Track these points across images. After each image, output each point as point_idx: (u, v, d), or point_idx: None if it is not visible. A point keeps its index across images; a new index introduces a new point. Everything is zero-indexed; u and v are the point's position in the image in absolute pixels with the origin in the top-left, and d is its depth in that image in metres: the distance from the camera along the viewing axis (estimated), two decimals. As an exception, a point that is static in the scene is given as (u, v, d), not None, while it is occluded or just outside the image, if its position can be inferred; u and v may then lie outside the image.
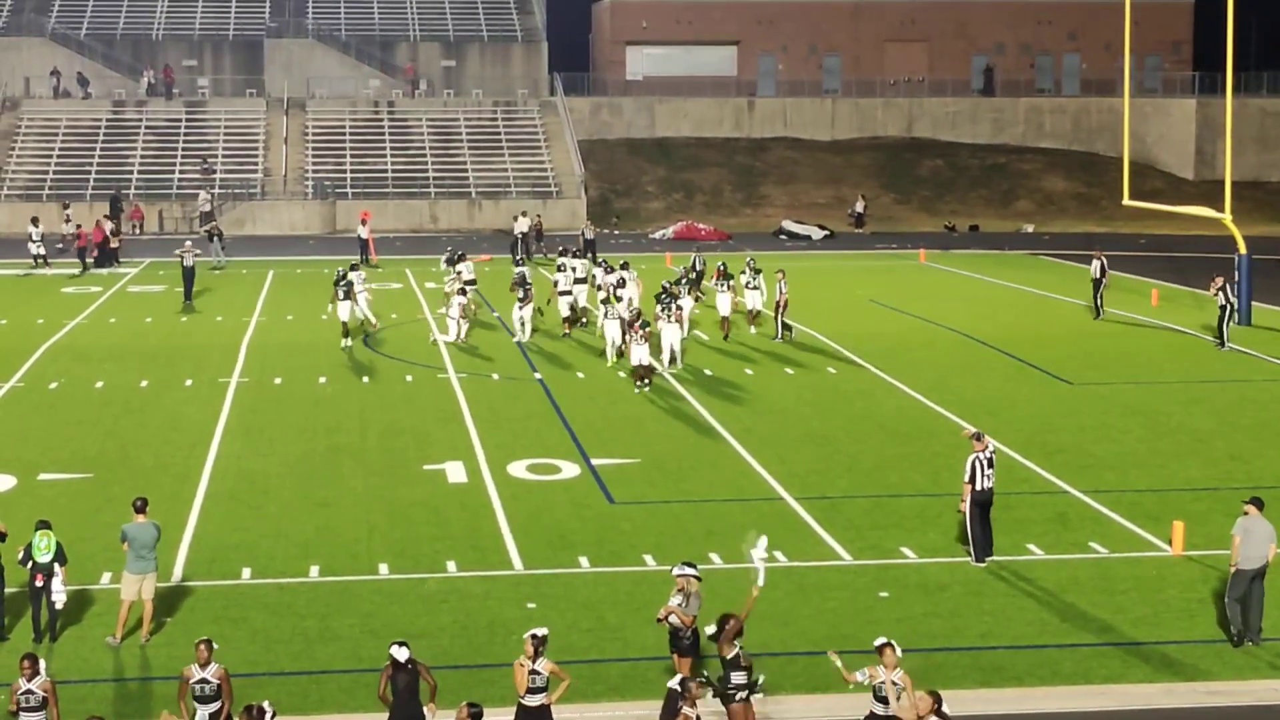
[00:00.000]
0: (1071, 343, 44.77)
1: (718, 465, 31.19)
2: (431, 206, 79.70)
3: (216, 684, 17.01)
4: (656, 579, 24.13)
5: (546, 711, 17.20)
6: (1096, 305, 49.48)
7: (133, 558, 21.57)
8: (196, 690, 16.96)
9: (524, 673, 17.07)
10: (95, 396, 37.17)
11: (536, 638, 17.25)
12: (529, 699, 17.08)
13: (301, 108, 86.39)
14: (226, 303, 53.17)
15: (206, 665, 17.05)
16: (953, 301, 53.44)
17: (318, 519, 27.32)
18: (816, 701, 19.54)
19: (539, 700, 17.12)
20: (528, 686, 17.07)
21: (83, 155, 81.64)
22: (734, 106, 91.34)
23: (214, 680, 17.02)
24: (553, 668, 17.21)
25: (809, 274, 62.49)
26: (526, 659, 17.13)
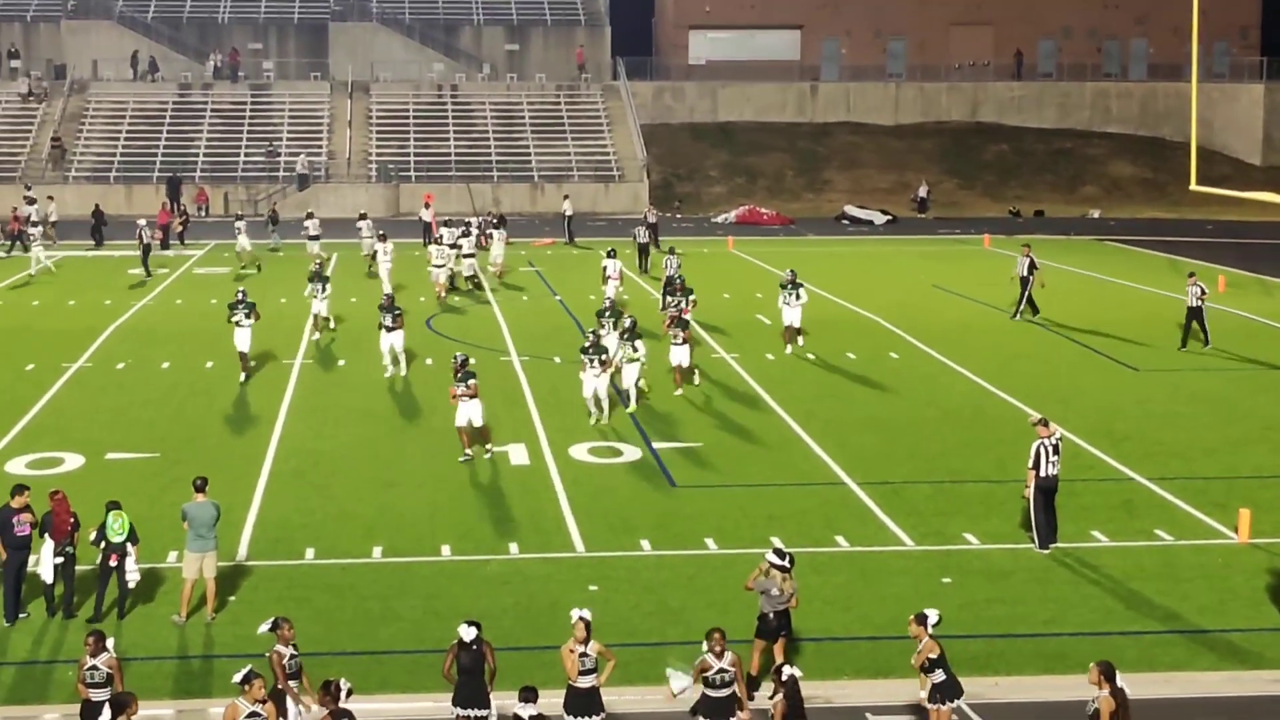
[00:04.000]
0: (1138, 329, 44.39)
1: (780, 449, 31.12)
2: (494, 190, 79.81)
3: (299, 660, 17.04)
4: (718, 562, 24.15)
5: (597, 693, 17.19)
6: (1020, 303, 46.69)
7: (193, 537, 21.74)
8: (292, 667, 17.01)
9: (575, 656, 17.03)
10: (162, 377, 37.44)
11: (587, 620, 17.22)
12: (581, 681, 17.06)
13: (365, 91, 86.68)
14: (291, 285, 53.35)
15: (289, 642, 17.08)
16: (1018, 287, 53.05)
17: (380, 500, 27.44)
18: (878, 686, 19.48)
19: (590, 682, 17.12)
20: (580, 669, 17.03)
21: (149, 138, 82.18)
22: (797, 91, 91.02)
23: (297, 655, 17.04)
24: (600, 648, 17.20)
25: (871, 259, 62.38)
26: (578, 642, 17.08)
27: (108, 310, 47.34)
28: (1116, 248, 67.00)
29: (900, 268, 59.39)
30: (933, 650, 17.02)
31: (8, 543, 21.49)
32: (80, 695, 16.87)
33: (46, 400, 35.02)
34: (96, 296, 50.55)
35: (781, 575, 19.26)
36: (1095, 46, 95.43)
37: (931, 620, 17.20)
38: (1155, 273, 49.52)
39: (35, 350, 40.70)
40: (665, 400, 35.29)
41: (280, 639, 17.13)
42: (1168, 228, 74.37)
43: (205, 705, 17.41)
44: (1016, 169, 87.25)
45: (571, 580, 23.41)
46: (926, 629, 17.13)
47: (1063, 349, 41.93)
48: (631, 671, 19.89)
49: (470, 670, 17.13)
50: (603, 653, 17.23)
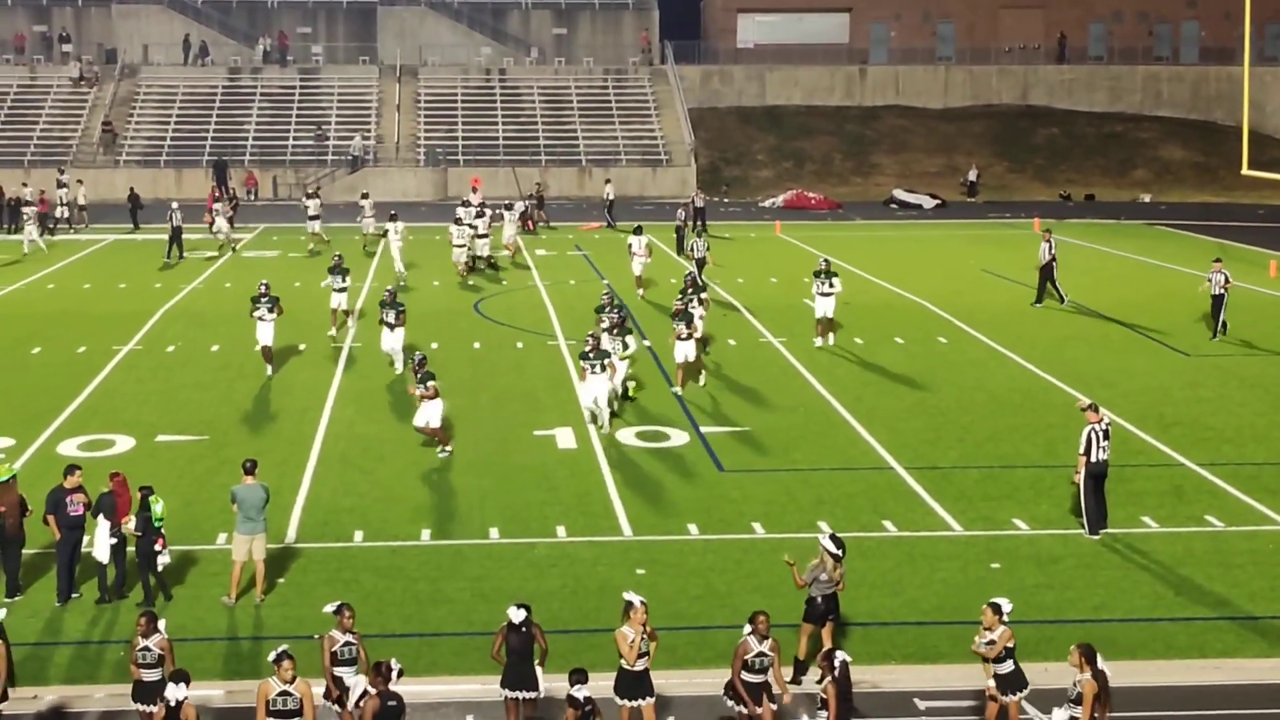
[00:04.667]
0: (1188, 313, 44.07)
1: (827, 434, 31.07)
2: (542, 174, 79.85)
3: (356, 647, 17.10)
4: (765, 547, 24.14)
5: (648, 675, 17.18)
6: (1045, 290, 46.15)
7: (242, 519, 21.86)
8: (342, 654, 17.07)
9: (629, 640, 16.99)
10: (211, 360, 37.63)
11: (646, 604, 17.20)
12: (638, 663, 17.06)
13: (414, 75, 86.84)
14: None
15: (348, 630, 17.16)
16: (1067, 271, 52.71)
17: (429, 483, 27.53)
18: (926, 671, 19.45)
19: (645, 664, 17.11)
20: (638, 651, 17.02)
21: (199, 122, 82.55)
22: (845, 74, 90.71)
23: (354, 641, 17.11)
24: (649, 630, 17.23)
25: (920, 243, 62.14)
26: (633, 627, 16.99)
27: (158, 293, 47.62)
28: (1167, 232, 66.55)
29: (949, 252, 59.15)
30: (1010, 640, 16.98)
31: (61, 522, 21.66)
32: (133, 675, 16.98)
33: (98, 383, 35.26)
34: (146, 279, 50.84)
35: (834, 562, 19.24)
36: (1146, 29, 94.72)
37: (1006, 610, 17.16)
38: (1205, 257, 49.06)
39: (86, 333, 40.99)
40: (712, 385, 35.26)
41: (338, 625, 17.18)
42: (1219, 212, 73.83)
43: (254, 686, 17.45)
44: (1067, 153, 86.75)
45: (619, 563, 23.44)
46: (1003, 618, 17.08)
47: (1112, 334, 41.70)
48: (679, 655, 19.93)
49: (519, 652, 17.16)
50: (650, 634, 17.24)
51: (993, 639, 17.03)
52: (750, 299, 46.33)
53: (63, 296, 47.62)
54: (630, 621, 17.00)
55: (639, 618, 16.99)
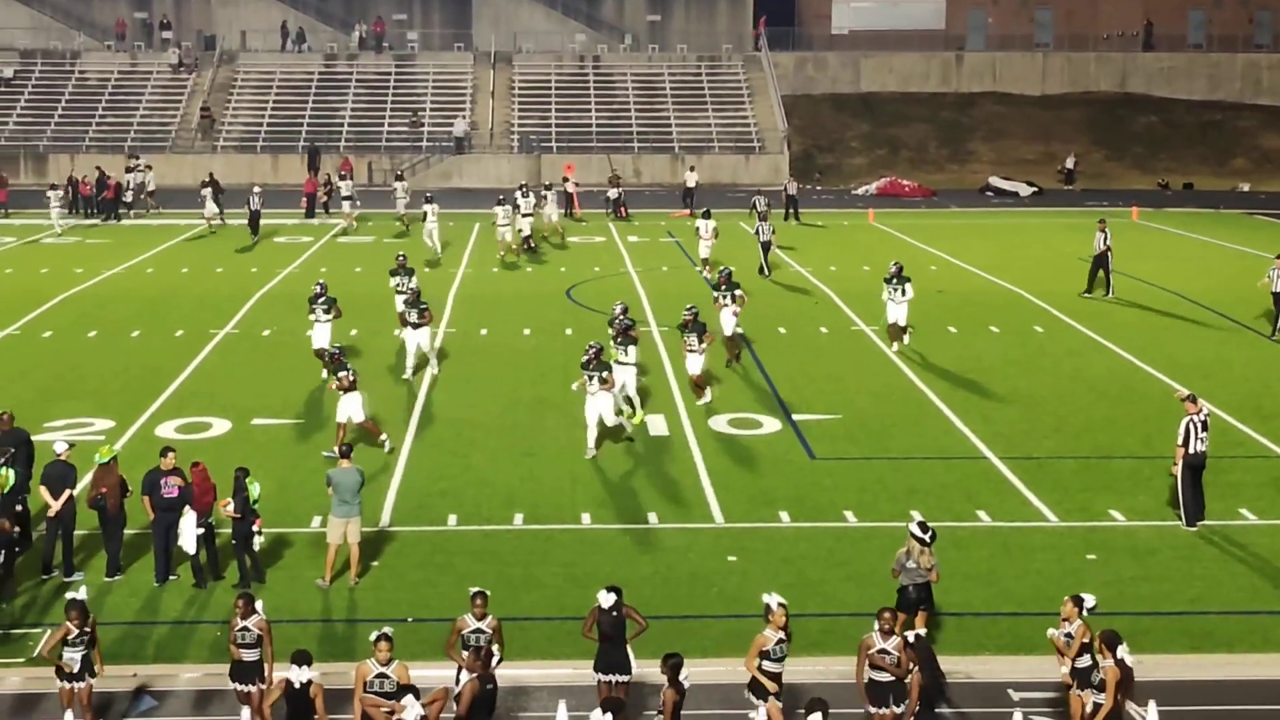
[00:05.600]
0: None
1: (920, 423, 30.89)
2: (635, 161, 79.85)
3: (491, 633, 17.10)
4: (857, 535, 24.05)
5: (779, 678, 16.81)
6: (1096, 279, 45.34)
7: (337, 502, 22.03)
8: (471, 640, 17.13)
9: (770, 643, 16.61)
10: (306, 344, 37.79)
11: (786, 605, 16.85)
12: (771, 666, 16.69)
13: (508, 62, 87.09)
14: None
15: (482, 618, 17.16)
16: (1166, 260, 52.28)
17: (522, 469, 27.61)
18: (1020, 662, 19.30)
19: (779, 669, 16.78)
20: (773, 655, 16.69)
21: (295, 108, 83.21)
22: (941, 61, 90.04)
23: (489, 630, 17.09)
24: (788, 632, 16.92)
25: (1016, 231, 61.65)
26: (775, 628, 16.68)
27: (254, 277, 48.07)
28: (1266, 222, 65.62)
29: (1046, 240, 58.60)
30: (1086, 635, 16.82)
31: (156, 503, 21.91)
32: (232, 655, 17.15)
33: (195, 366, 35.66)
34: (243, 264, 51.34)
35: (920, 548, 19.14)
36: (1247, 17, 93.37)
37: (1088, 604, 17.00)
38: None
39: (184, 316, 41.48)
40: (804, 373, 35.14)
41: (471, 610, 17.22)
42: (1320, 201, 72.77)
43: (349, 668, 17.61)
44: (1166, 141, 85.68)
45: (710, 551, 23.43)
46: (1082, 612, 16.92)
47: (1210, 324, 41.17)
48: (770, 643, 19.87)
49: (610, 636, 17.18)
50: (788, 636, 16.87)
51: (1070, 631, 16.90)
52: (842, 287, 46.12)
53: (162, 280, 48.19)
54: (770, 624, 16.66)
55: (778, 620, 16.67)
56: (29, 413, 27.74)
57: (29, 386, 33.68)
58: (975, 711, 18.08)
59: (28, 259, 52.86)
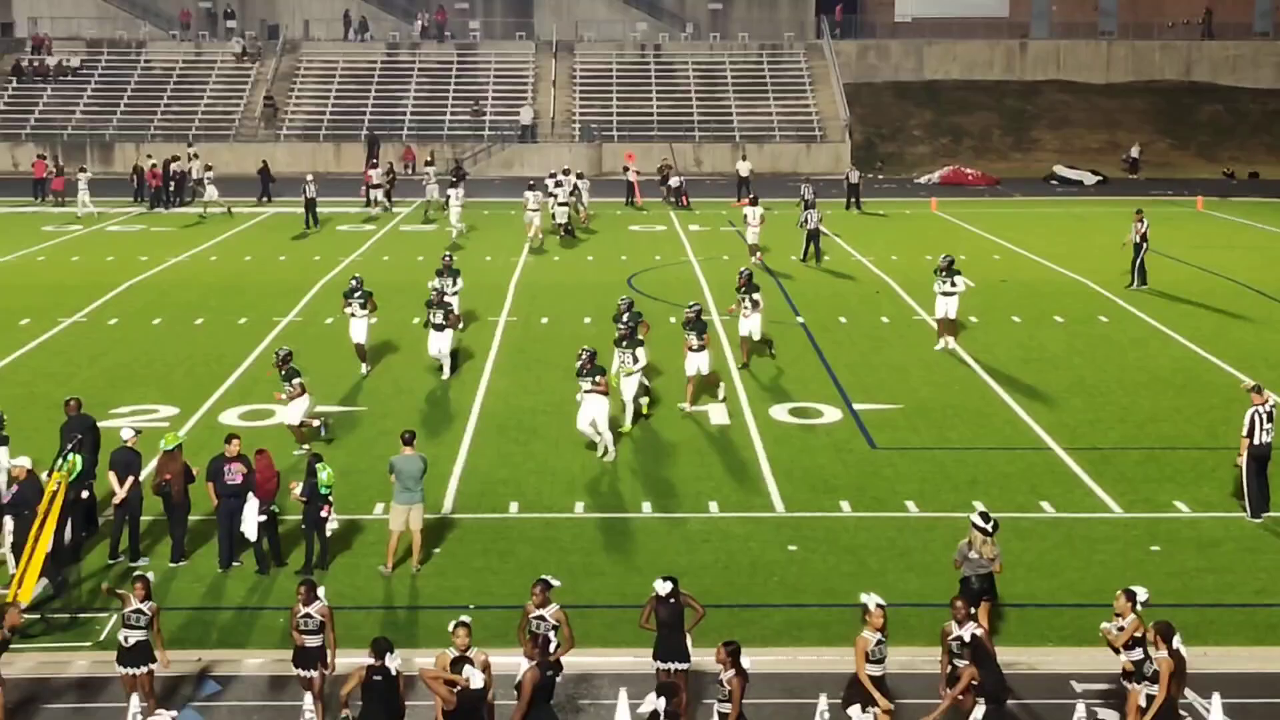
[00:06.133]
0: (1358, 295, 43.04)
1: (983, 413, 30.74)
2: (696, 150, 79.76)
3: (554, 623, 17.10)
4: (919, 525, 23.97)
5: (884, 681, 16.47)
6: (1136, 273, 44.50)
7: (399, 489, 22.12)
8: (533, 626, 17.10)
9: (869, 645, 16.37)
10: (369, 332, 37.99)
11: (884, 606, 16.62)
12: (872, 669, 16.45)
13: (570, 51, 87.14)
14: (495, 243, 53.99)
15: (542, 605, 17.13)
16: (1231, 250, 51.79)
17: (583, 457, 27.64)
18: (1083, 654, 19.16)
19: (882, 670, 16.53)
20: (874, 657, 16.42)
21: (358, 97, 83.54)
22: (1005, 48, 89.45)
23: (551, 620, 17.11)
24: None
25: (1081, 220, 61.25)
26: (873, 629, 16.41)
27: (316, 266, 48.30)
28: (1336, 211, 64.93)
29: (1110, 230, 57.99)
30: (1139, 629, 16.71)
31: (219, 490, 22.06)
32: (295, 642, 17.24)
33: (258, 353, 35.85)
34: (306, 252, 51.62)
35: (982, 538, 19.05)
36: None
37: (1141, 598, 16.88)
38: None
39: (248, 304, 41.74)
40: (865, 362, 35.03)
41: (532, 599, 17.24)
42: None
43: (411, 655, 17.69)
44: (1231, 130, 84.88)
45: (771, 540, 23.40)
46: (1135, 606, 16.81)
47: (1277, 314, 40.76)
48: (831, 633, 19.87)
49: (668, 624, 17.20)
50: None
51: (1123, 625, 16.79)
52: (904, 276, 45.92)
53: (225, 268, 48.51)
54: (868, 625, 16.40)
55: (876, 621, 16.40)
56: (96, 399, 27.97)
57: (96, 373, 34.00)
58: (1038, 703, 18.00)
59: (94, 247, 53.31)
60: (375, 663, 15.79)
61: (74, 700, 18.11)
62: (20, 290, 44.04)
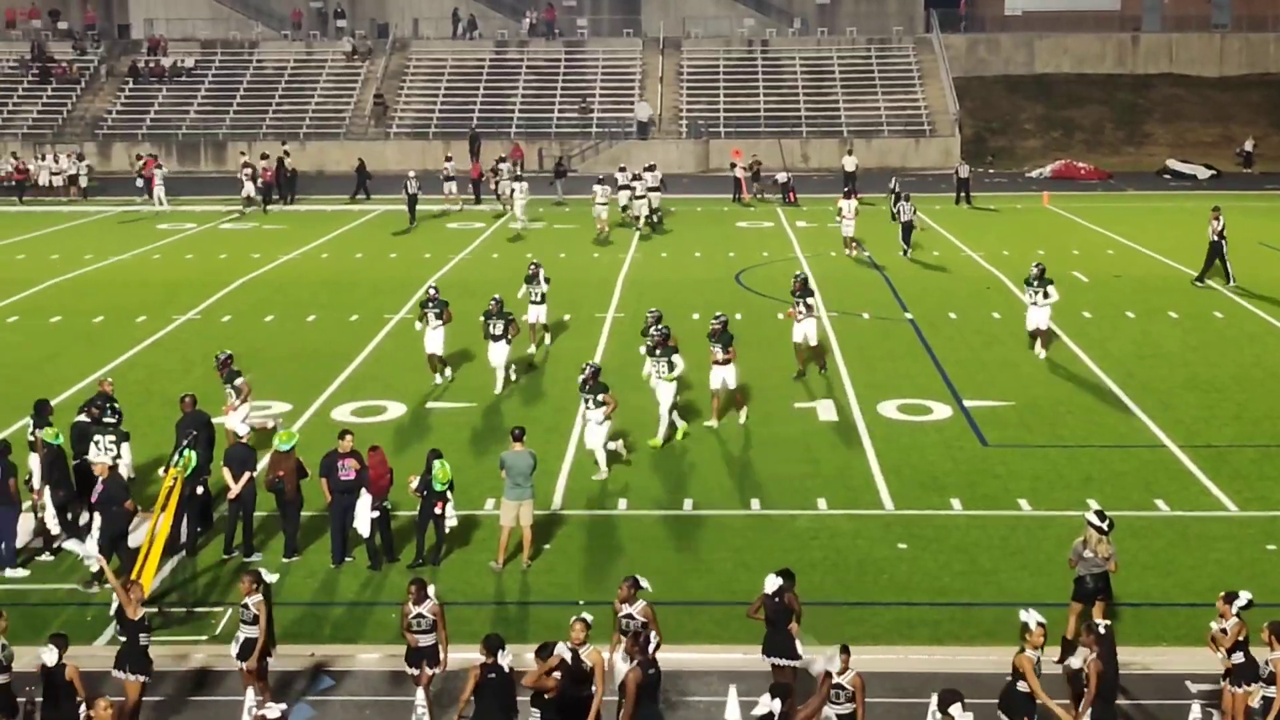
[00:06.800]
0: None
1: (1096, 410, 30.41)
2: (803, 145, 79.50)
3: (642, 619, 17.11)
4: (1032, 524, 23.75)
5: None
6: (1211, 267, 43.77)
7: (510, 485, 22.24)
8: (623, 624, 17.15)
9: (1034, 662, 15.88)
10: (477, 329, 38.07)
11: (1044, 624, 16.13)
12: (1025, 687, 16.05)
13: (677, 47, 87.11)
14: (602, 240, 54.10)
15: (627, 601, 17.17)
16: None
17: (692, 454, 27.67)
18: (1198, 654, 18.84)
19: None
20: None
21: (466, 95, 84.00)
22: (1117, 42, 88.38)
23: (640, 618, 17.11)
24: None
25: (1194, 215, 60.24)
26: (1033, 648, 15.95)
27: (426, 263, 48.61)
28: None
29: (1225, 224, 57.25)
30: (1241, 632, 16.46)
31: (333, 486, 22.26)
32: (407, 641, 17.34)
33: (370, 350, 36.18)
34: (416, 249, 51.96)
35: (1098, 537, 18.85)
36: None
37: (1241, 601, 16.63)
38: None
39: (359, 301, 42.10)
40: (975, 358, 34.76)
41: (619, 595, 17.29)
42: None
43: (522, 650, 17.76)
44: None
45: (880, 538, 23.29)
46: (1233, 608, 16.56)
47: (1399, 310, 40.07)
48: (941, 631, 19.76)
49: (774, 622, 17.20)
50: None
51: (1225, 628, 16.54)
52: (1016, 271, 45.41)
53: (337, 265, 48.96)
54: (1028, 643, 15.96)
55: (1036, 640, 15.98)
56: (210, 396, 28.30)
57: (210, 370, 34.29)
58: (1152, 703, 17.80)
59: (207, 245, 54.01)
60: (488, 660, 15.87)
61: (190, 693, 18.35)
62: (136, 288, 44.72)
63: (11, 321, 40.18)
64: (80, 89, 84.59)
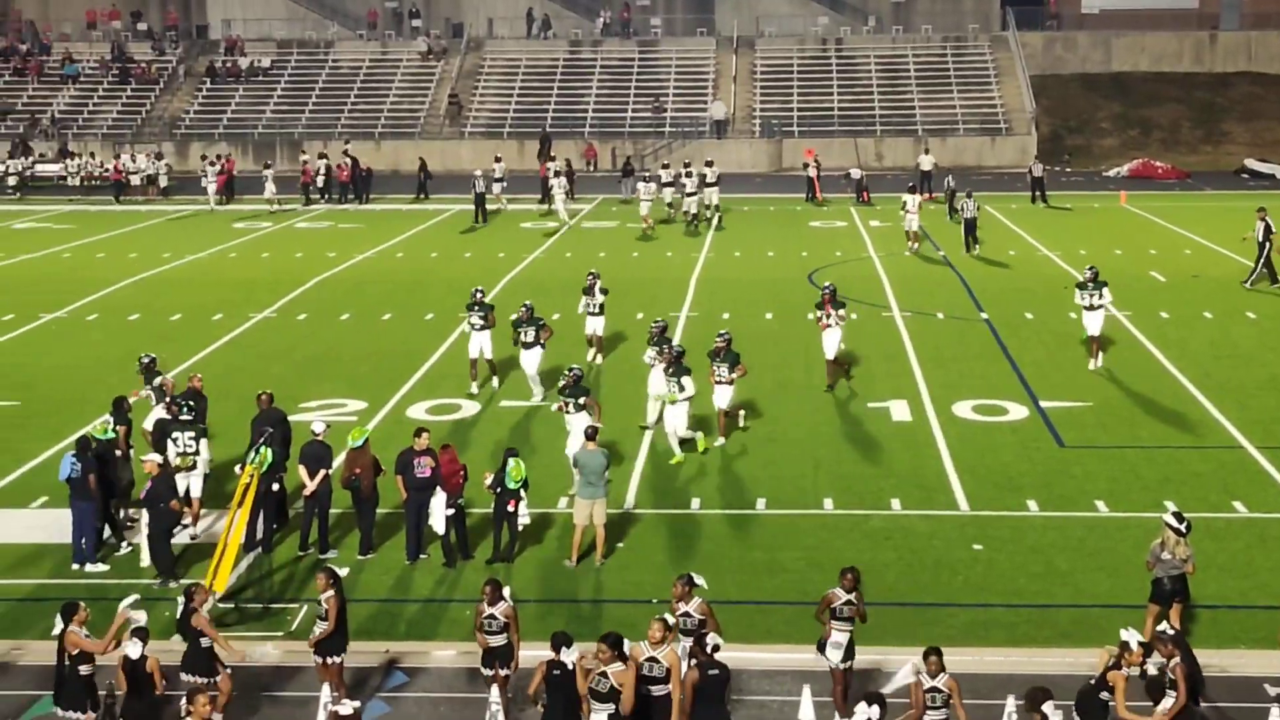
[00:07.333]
0: None
1: (1173, 411, 30.14)
2: (877, 144, 79.21)
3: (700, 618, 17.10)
4: (1109, 525, 23.57)
5: None
6: (1271, 271, 42.91)
7: (583, 484, 22.29)
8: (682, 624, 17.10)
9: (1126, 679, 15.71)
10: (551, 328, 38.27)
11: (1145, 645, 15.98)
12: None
13: (751, 46, 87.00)
14: (676, 239, 54.15)
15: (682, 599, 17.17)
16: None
17: (764, 453, 27.62)
18: (1276, 657, 18.68)
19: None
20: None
21: (540, 94, 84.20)
22: (1194, 40, 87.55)
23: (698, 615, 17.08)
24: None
25: (1273, 215, 59.58)
26: (1132, 664, 15.77)
27: (501, 263, 48.77)
28: None
29: None
30: None
31: (409, 483, 22.36)
32: (479, 643, 17.37)
33: (445, 349, 36.33)
34: (490, 249, 52.15)
35: (1176, 539, 18.69)
36: None
37: None
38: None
39: (434, 300, 42.29)
40: (1052, 359, 34.53)
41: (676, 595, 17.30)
42: None
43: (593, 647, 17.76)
44: None
45: (955, 539, 23.17)
46: None
47: None
48: (1018, 633, 19.68)
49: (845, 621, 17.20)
50: None
51: None
52: (1092, 271, 45.16)
53: (412, 264, 49.22)
54: (1126, 663, 15.72)
55: (1135, 660, 15.74)
56: (286, 393, 28.54)
57: (286, 367, 34.70)
58: (1231, 706, 17.63)
59: (283, 243, 54.42)
60: (554, 656, 15.92)
61: (267, 688, 18.50)
62: (213, 286, 45.12)
63: (91, 320, 40.64)
64: (159, 89, 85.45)
